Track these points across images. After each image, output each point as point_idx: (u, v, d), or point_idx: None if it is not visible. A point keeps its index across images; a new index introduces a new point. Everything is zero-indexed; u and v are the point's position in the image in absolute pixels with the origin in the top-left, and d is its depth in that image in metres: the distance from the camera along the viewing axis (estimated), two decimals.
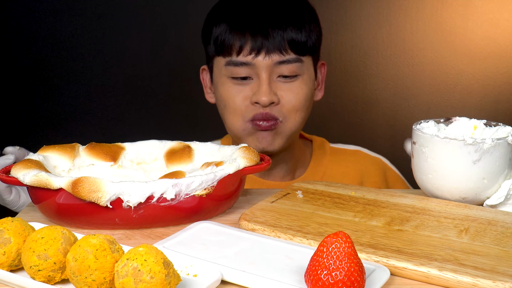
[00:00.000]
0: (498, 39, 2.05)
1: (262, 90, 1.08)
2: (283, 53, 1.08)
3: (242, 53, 1.08)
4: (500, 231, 0.69)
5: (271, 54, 1.08)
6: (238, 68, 1.09)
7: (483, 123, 0.88)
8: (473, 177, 0.80)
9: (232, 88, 1.11)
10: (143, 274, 0.50)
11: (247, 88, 1.10)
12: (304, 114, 1.14)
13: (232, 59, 1.09)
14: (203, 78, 1.22)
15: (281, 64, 1.09)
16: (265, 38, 1.07)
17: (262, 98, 1.07)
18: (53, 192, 0.71)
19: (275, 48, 1.08)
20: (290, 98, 1.10)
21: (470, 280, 0.57)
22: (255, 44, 1.07)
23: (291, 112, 1.11)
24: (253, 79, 1.10)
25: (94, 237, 0.54)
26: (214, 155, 0.87)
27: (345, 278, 0.51)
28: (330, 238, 0.52)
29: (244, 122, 1.11)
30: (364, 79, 2.10)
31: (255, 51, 1.07)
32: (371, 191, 0.84)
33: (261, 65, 1.08)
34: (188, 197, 0.73)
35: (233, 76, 1.10)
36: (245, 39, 1.08)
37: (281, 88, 1.10)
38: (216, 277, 0.57)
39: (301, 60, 1.11)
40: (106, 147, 0.87)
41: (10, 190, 0.94)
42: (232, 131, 1.15)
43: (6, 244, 0.58)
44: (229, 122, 1.14)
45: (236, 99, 1.11)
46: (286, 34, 1.08)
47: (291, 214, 0.75)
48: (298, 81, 1.11)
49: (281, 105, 1.10)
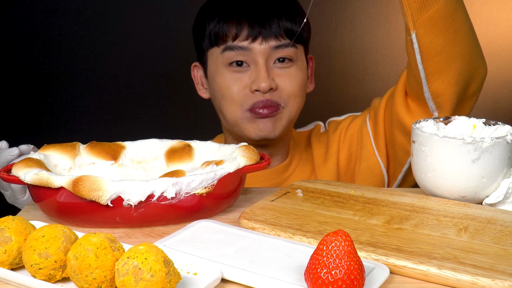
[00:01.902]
0: (497, 39, 2.05)
1: (260, 76, 1.09)
2: (279, 38, 1.10)
3: (238, 39, 1.10)
4: (499, 230, 0.69)
5: (268, 40, 1.09)
6: (235, 53, 1.10)
7: (482, 122, 0.88)
8: (472, 176, 0.80)
9: (229, 76, 1.12)
10: (144, 272, 0.50)
11: (245, 77, 1.11)
12: (301, 101, 1.16)
13: (228, 44, 1.10)
14: (195, 75, 1.23)
15: (277, 48, 1.10)
16: (262, 26, 1.09)
17: (261, 84, 1.08)
18: (54, 190, 0.71)
19: (271, 34, 1.10)
20: (288, 84, 1.12)
21: (469, 279, 0.57)
22: (252, 31, 1.09)
23: (290, 97, 1.13)
24: (250, 67, 1.11)
25: (94, 235, 0.54)
26: (214, 154, 0.87)
27: (344, 277, 0.51)
28: (330, 236, 0.53)
29: (243, 111, 1.11)
30: (363, 78, 2.10)
31: (251, 37, 1.09)
32: (371, 190, 0.84)
33: (257, 50, 1.09)
34: (189, 195, 0.73)
35: (230, 62, 1.11)
36: (242, 26, 1.09)
37: (279, 74, 1.11)
38: (216, 275, 0.57)
39: (295, 46, 1.13)
40: (106, 146, 0.87)
41: (25, 190, 0.94)
42: (230, 121, 1.14)
43: (7, 242, 0.58)
44: (227, 111, 1.14)
45: (234, 87, 1.11)
46: (282, 23, 1.10)
47: (291, 213, 0.75)
48: (294, 67, 1.13)
49: (279, 90, 1.11)
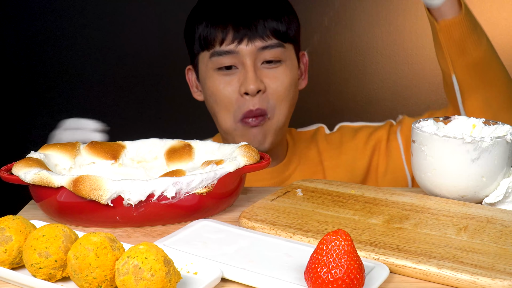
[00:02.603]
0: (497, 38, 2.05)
1: (248, 77, 1.09)
2: (265, 39, 1.10)
3: (225, 43, 1.10)
4: (499, 229, 0.70)
5: (254, 41, 1.09)
6: (222, 58, 1.10)
7: (482, 121, 0.88)
8: (472, 175, 0.80)
9: (219, 79, 1.12)
10: (144, 271, 0.50)
11: (234, 79, 1.11)
12: (289, 105, 1.15)
13: (215, 50, 1.11)
14: (189, 78, 1.23)
15: (264, 49, 1.10)
16: (247, 28, 1.09)
17: (250, 87, 1.08)
18: (54, 190, 0.71)
19: (257, 35, 1.09)
20: (276, 85, 1.11)
21: (469, 278, 0.57)
22: (237, 34, 1.09)
23: (277, 101, 1.12)
24: (238, 69, 1.11)
25: (95, 235, 0.54)
26: (214, 154, 0.87)
27: (344, 276, 0.51)
28: (330, 236, 0.53)
29: (235, 122, 1.12)
30: (363, 78, 2.10)
31: (237, 39, 1.09)
32: (371, 189, 0.84)
33: (244, 52, 1.09)
34: (189, 195, 0.73)
35: (219, 67, 1.11)
36: (227, 30, 1.09)
37: (266, 75, 1.11)
38: (216, 274, 0.57)
39: (283, 46, 1.12)
40: (107, 145, 0.87)
41: None
42: (223, 129, 1.16)
43: (7, 242, 0.59)
44: (220, 119, 1.14)
45: (224, 91, 1.11)
46: (268, 23, 1.10)
47: (291, 212, 0.75)
48: (282, 67, 1.13)
49: (267, 93, 1.11)
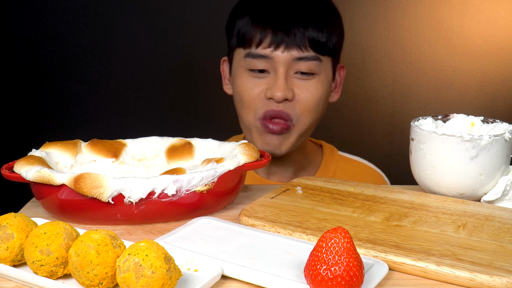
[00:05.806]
0: (496, 37, 2.06)
1: (277, 84, 1.07)
2: (302, 49, 1.06)
3: (261, 46, 1.07)
4: (497, 227, 0.70)
5: (290, 49, 1.06)
6: (256, 61, 1.08)
7: (481, 119, 0.88)
8: (471, 173, 0.81)
9: (248, 80, 1.10)
10: (145, 269, 0.51)
11: (263, 82, 1.09)
12: (316, 117, 1.12)
13: (251, 51, 1.09)
14: (223, 69, 1.21)
15: (300, 60, 1.07)
16: (286, 34, 1.06)
17: (276, 94, 1.06)
18: (55, 188, 0.71)
19: (295, 44, 1.06)
20: (305, 96, 1.09)
21: (468, 275, 0.58)
22: (275, 38, 1.06)
23: (304, 111, 1.09)
24: (270, 73, 1.09)
25: (96, 232, 0.55)
26: (214, 152, 0.87)
27: (344, 273, 0.52)
28: (329, 233, 0.53)
29: (255, 119, 1.11)
30: (362, 77, 2.10)
31: (274, 44, 1.06)
32: (370, 187, 0.85)
33: (279, 59, 1.07)
34: (189, 193, 0.73)
35: (251, 69, 1.09)
36: (266, 32, 1.07)
37: (297, 85, 1.09)
38: (216, 272, 0.57)
39: (319, 59, 1.09)
40: (107, 143, 0.87)
41: None
42: (245, 125, 1.15)
43: (9, 239, 0.59)
44: (242, 115, 1.14)
45: (251, 91, 1.10)
46: (307, 32, 1.07)
47: (290, 210, 0.75)
48: (315, 80, 1.10)
49: (295, 102, 1.09)
